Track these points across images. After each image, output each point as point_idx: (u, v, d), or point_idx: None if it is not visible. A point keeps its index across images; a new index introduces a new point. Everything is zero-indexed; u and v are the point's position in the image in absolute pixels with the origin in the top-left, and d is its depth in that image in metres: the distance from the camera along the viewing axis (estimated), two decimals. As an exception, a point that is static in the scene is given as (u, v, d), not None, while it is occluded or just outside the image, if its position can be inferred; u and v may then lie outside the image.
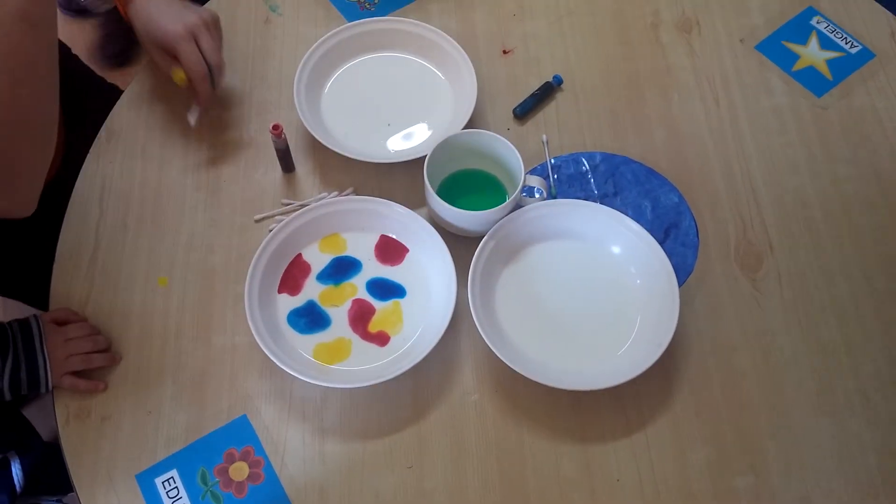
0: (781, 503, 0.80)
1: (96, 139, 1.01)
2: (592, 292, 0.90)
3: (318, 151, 0.99)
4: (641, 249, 0.89)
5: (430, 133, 0.99)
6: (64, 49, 1.08)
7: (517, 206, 0.91)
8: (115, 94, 1.09)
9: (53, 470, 1.11)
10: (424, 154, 0.89)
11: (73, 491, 0.83)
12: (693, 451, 0.83)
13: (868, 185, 0.98)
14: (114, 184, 0.98)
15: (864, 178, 0.99)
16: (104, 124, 1.03)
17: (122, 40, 1.95)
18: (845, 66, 1.06)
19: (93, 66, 1.21)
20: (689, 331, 0.89)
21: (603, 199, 0.97)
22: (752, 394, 0.86)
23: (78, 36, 2.00)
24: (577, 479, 0.82)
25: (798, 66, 1.07)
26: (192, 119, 0.97)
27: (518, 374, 0.82)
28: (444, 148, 0.90)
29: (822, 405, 0.85)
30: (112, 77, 1.24)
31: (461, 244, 0.90)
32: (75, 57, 1.18)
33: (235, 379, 0.86)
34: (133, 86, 1.06)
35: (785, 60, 1.07)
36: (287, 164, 0.97)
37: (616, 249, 0.91)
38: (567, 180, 0.99)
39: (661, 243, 0.90)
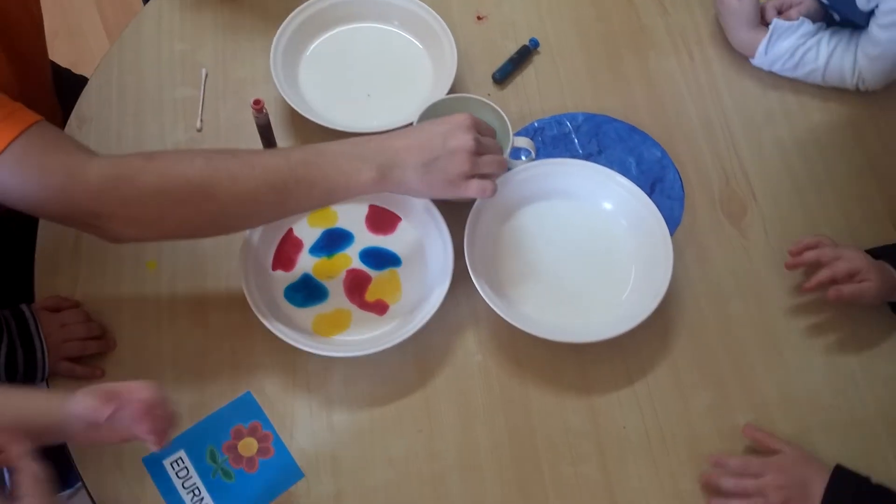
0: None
1: (66, 126, 1.04)
2: (587, 248, 0.96)
3: (299, 125, 1.03)
4: (631, 203, 0.95)
5: (411, 103, 1.04)
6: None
7: (507, 168, 0.96)
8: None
9: (48, 466, 1.12)
10: (409, 123, 0.94)
11: (68, 487, 0.86)
12: (694, 395, 0.90)
13: (842, 130, 1.07)
14: (90, 171, 1.01)
15: (838, 123, 1.07)
16: (73, 112, 1.05)
17: None
18: (813, 17, 1.14)
19: None
20: (681, 280, 0.95)
21: (588, 159, 1.03)
22: (747, 336, 0.93)
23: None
24: (584, 429, 0.88)
25: (768, 18, 1.14)
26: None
27: (520, 331, 0.87)
28: (430, 114, 0.95)
29: (813, 343, 0.93)
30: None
31: (454, 210, 0.95)
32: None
33: (236, 357, 0.90)
34: (99, 72, 1.09)
35: (755, 14, 1.14)
36: (269, 139, 1.01)
37: (607, 205, 0.97)
38: (551, 142, 1.05)
39: (648, 197, 0.96)
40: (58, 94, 1.14)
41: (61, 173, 0.74)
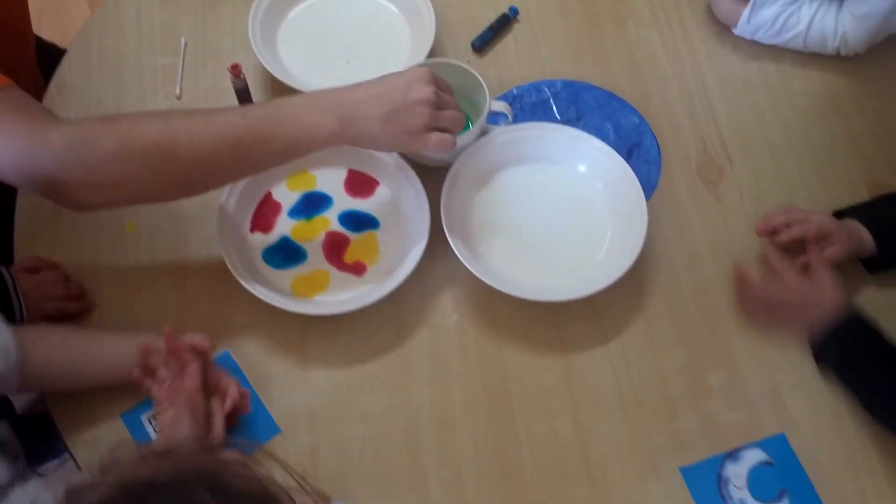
0: (754, 395, 0.89)
1: (46, 92, 1.05)
2: (564, 210, 0.97)
3: (279, 93, 1.04)
4: (607, 165, 0.97)
5: (390, 70, 1.04)
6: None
7: (483, 132, 0.98)
8: None
9: (27, 442, 1.14)
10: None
11: (55, 458, 0.87)
12: (667, 355, 0.92)
13: (819, 97, 1.08)
14: (70, 136, 1.02)
15: (816, 91, 1.09)
16: (53, 78, 1.07)
17: None
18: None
19: None
20: (657, 243, 0.97)
21: (566, 125, 1.04)
22: (721, 297, 0.95)
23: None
24: (559, 388, 0.90)
25: (747, -13, 1.16)
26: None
27: (496, 292, 0.89)
28: (408, 78, 0.96)
29: (786, 303, 0.95)
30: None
31: (431, 173, 0.96)
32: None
33: (214, 318, 0.92)
34: (80, 40, 1.10)
35: (734, -17, 1.16)
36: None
37: (582, 168, 0.99)
38: (530, 108, 1.06)
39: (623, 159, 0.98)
40: (42, 66, 1.15)
41: (24, 136, 0.74)
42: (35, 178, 0.77)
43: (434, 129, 0.81)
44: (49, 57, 1.17)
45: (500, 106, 0.97)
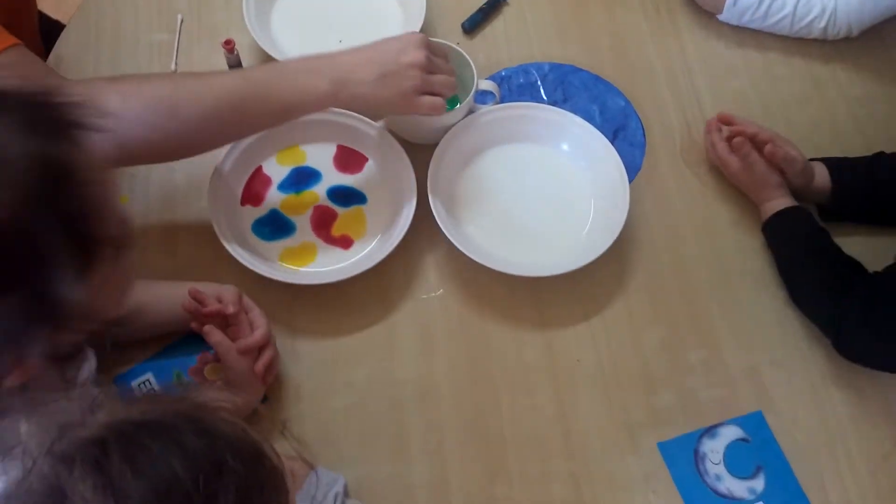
0: (732, 373, 0.91)
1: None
2: (548, 188, 0.99)
3: (272, 70, 1.06)
4: (590, 144, 0.99)
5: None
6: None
7: (471, 111, 0.99)
8: None
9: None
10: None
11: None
12: (647, 331, 0.93)
13: (802, 83, 1.10)
14: (65, 109, 1.03)
15: (799, 77, 1.11)
16: (51, 53, 1.08)
17: None
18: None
19: None
20: (640, 223, 0.99)
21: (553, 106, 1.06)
22: (701, 276, 0.97)
23: None
24: (540, 362, 0.91)
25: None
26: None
27: (481, 267, 0.91)
28: (398, 57, 0.98)
29: (764, 284, 0.96)
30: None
31: (419, 151, 0.98)
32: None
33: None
34: (78, 16, 1.11)
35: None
36: (241, 82, 1.03)
37: (566, 147, 1.00)
38: (518, 90, 1.08)
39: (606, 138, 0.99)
40: (45, 42, 1.16)
41: None
42: None
43: (426, 93, 0.84)
44: (53, 32, 1.18)
45: (487, 85, 0.99)
